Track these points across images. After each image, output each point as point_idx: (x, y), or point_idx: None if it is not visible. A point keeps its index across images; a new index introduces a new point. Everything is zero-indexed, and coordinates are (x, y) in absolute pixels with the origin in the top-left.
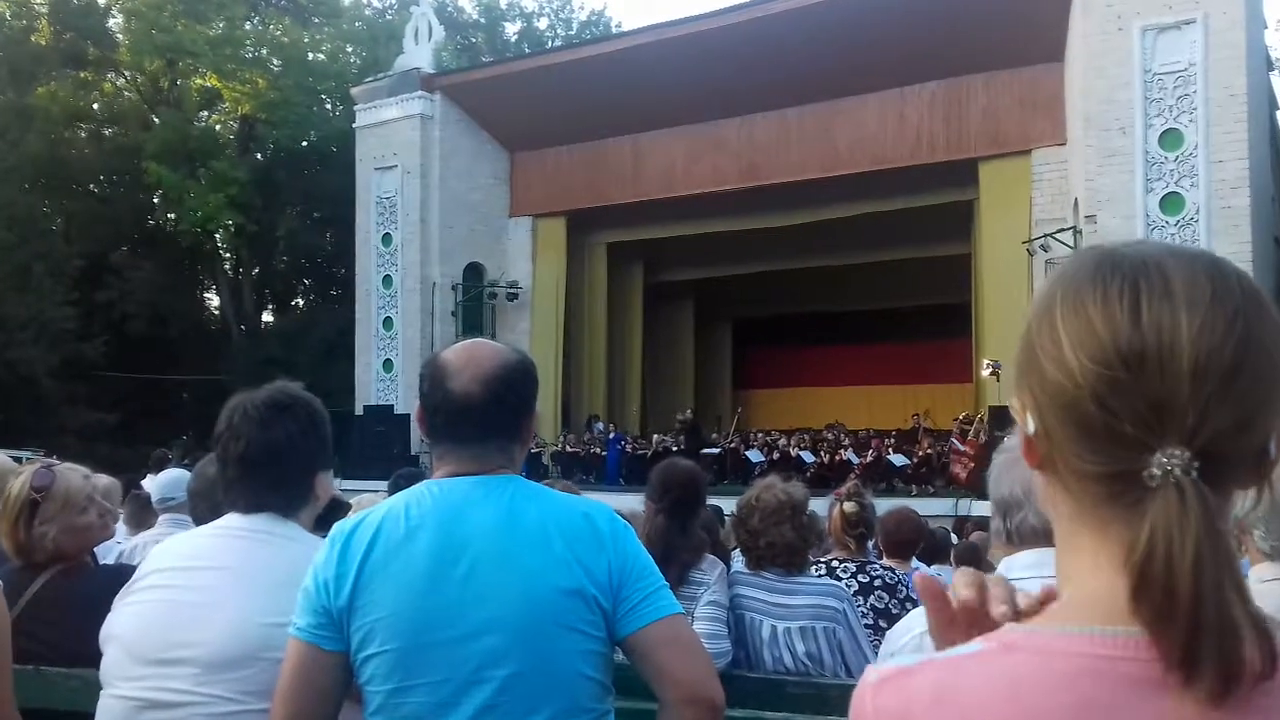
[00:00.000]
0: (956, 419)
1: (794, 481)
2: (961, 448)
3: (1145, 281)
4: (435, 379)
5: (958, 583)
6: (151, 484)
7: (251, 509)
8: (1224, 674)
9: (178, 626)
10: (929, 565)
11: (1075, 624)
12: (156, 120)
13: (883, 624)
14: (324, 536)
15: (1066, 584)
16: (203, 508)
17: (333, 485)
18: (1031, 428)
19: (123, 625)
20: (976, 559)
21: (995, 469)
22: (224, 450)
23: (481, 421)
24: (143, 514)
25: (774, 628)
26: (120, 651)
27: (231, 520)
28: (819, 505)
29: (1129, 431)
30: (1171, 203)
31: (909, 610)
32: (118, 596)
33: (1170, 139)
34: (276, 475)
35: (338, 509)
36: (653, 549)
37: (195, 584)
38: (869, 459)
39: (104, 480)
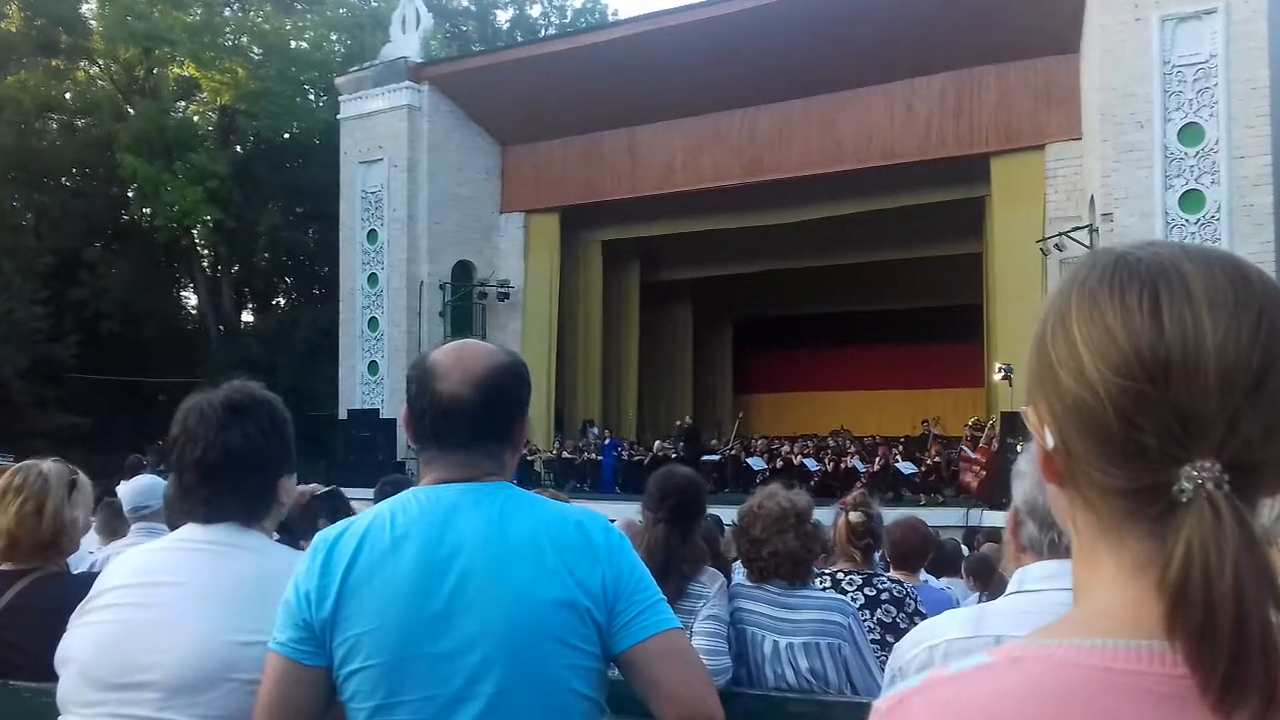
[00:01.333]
0: (967, 425)
1: (798, 489)
2: (972, 455)
3: (1165, 285)
4: (423, 381)
5: None
6: (124, 491)
7: (210, 519)
8: (1268, 695)
9: (136, 648)
10: (938, 578)
11: (1090, 637)
12: (131, 111)
13: (889, 639)
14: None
15: (1082, 598)
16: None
17: (295, 490)
18: (1050, 442)
19: (78, 647)
20: (988, 571)
21: (1032, 472)
22: (179, 456)
23: (470, 426)
24: (115, 523)
25: (776, 643)
26: (76, 675)
27: (189, 532)
28: (823, 515)
29: (1155, 445)
30: (1191, 200)
31: (916, 624)
32: (73, 616)
33: (1190, 134)
34: (236, 481)
35: (337, 499)
36: (652, 560)
37: (153, 602)
38: (876, 467)
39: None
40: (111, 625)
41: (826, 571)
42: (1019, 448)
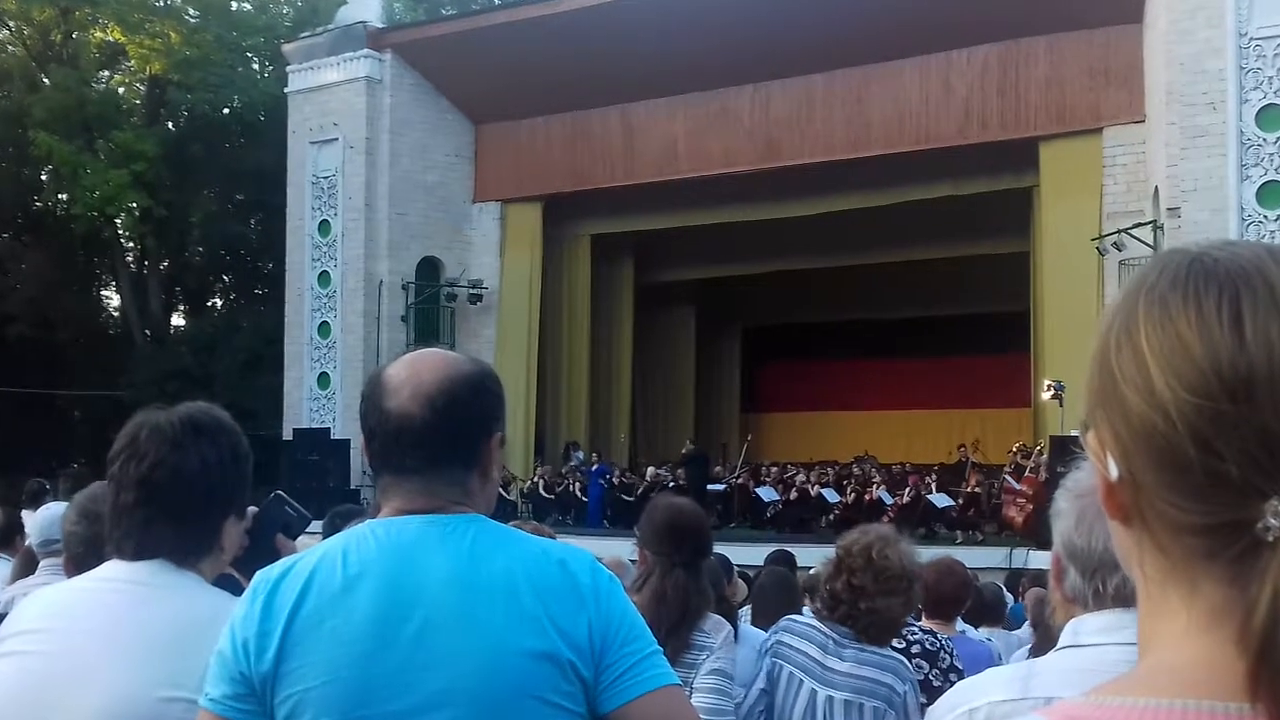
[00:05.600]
0: (1011, 451)
1: (907, 540)
2: (1017, 486)
3: (1247, 291)
4: (373, 398)
5: None
6: (31, 523)
7: (140, 553)
8: None
9: (43, 703)
10: (977, 628)
11: (1156, 696)
12: (47, 81)
13: (921, 699)
14: None
15: (1149, 652)
16: (82, 551)
17: (240, 538)
18: (1114, 473)
19: None
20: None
21: (1076, 514)
22: (121, 471)
23: (425, 448)
24: (30, 560)
25: (814, 693)
26: None
27: (112, 570)
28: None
29: (1235, 475)
30: (1271, 193)
31: (952, 682)
32: None
33: (1270, 117)
34: (180, 508)
35: (283, 504)
36: (670, 610)
37: (64, 650)
38: (905, 499)
39: None
40: (15, 676)
41: None
42: (1071, 475)
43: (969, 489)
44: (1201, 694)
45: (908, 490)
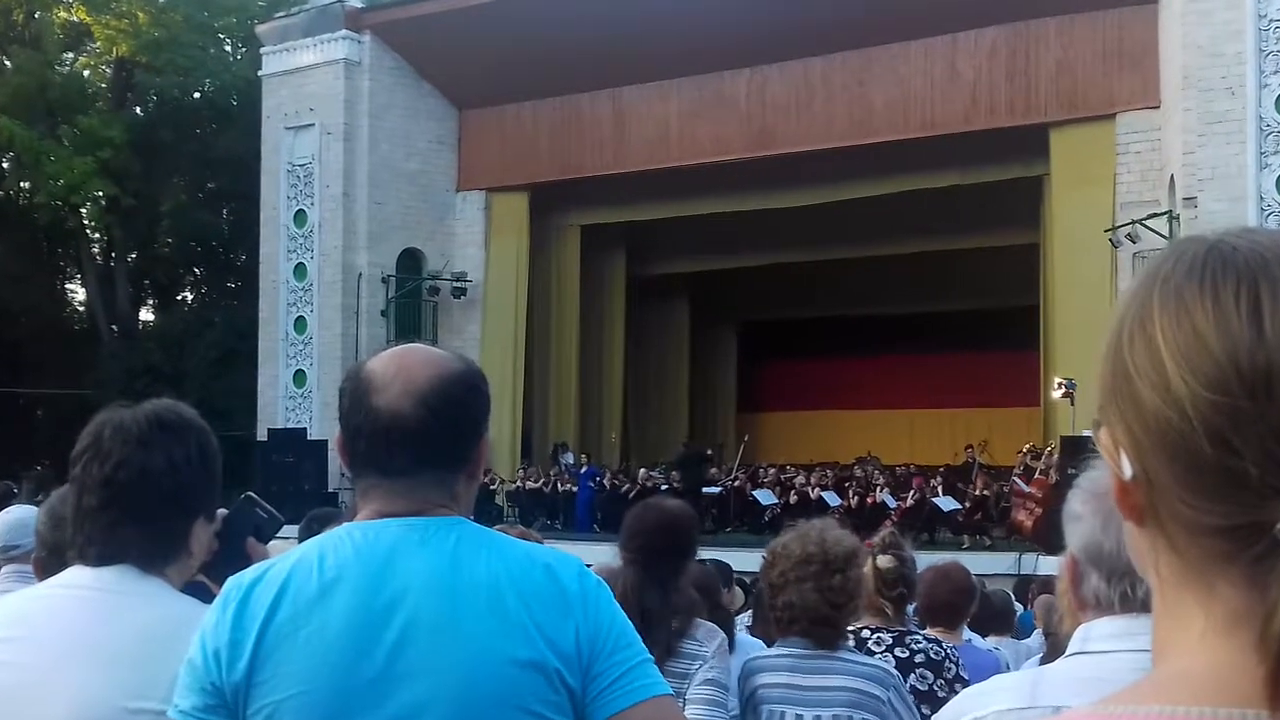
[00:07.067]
0: (1020, 452)
1: (848, 531)
2: (1026, 489)
3: (1266, 281)
4: (357, 395)
5: None
6: None
7: (104, 558)
8: None
9: (7, 714)
10: (984, 636)
11: (1170, 703)
12: (7, 63)
13: (925, 709)
14: None
15: (1163, 658)
16: (52, 558)
17: (210, 541)
18: (1128, 472)
19: None
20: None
21: (1104, 515)
22: (84, 473)
23: (414, 448)
24: None
25: (800, 717)
26: None
27: (75, 575)
28: None
29: (1255, 474)
30: None
31: (958, 692)
32: None
33: None
34: (146, 510)
35: (254, 506)
36: (625, 610)
37: (26, 660)
38: (909, 502)
39: None
40: None
41: (850, 629)
42: (1086, 474)
43: (976, 491)
44: (1219, 701)
45: (912, 493)
